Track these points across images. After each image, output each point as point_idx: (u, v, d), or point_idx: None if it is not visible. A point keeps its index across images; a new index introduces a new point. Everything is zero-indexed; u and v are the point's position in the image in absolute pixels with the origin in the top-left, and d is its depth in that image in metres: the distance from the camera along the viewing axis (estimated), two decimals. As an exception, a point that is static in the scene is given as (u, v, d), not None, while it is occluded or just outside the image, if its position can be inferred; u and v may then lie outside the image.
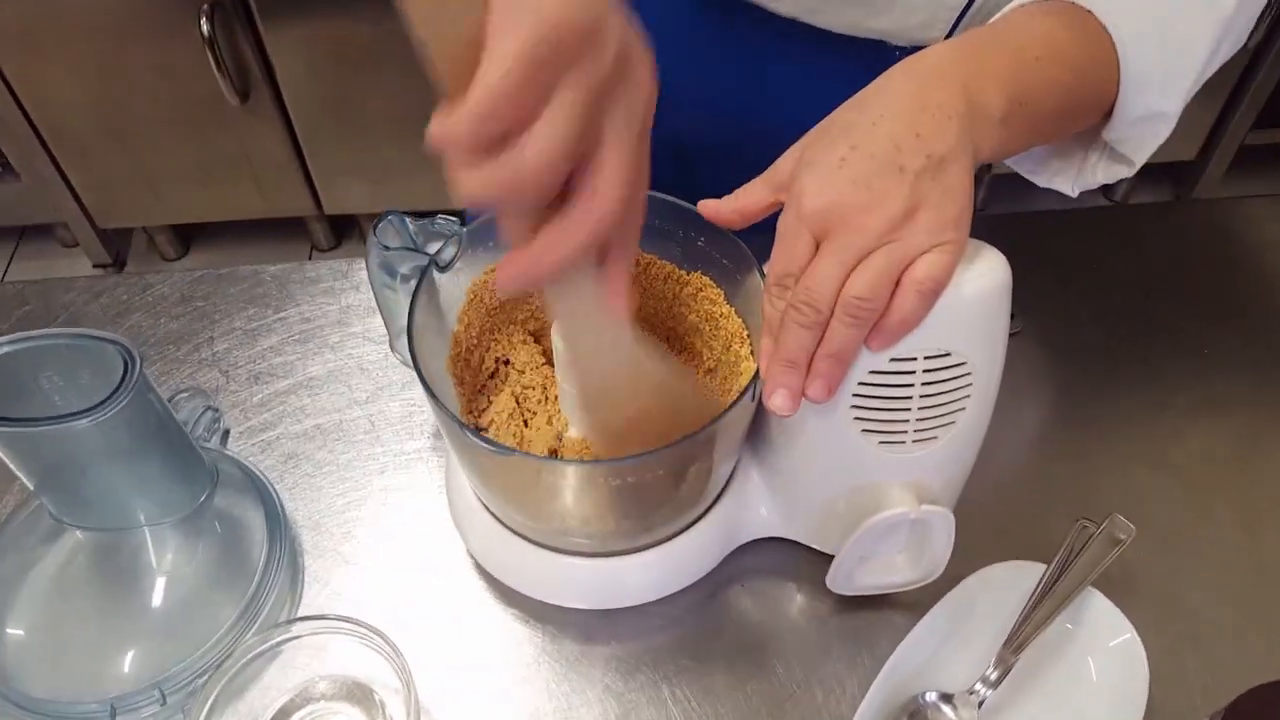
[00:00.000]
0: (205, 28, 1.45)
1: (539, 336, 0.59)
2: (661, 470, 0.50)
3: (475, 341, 0.57)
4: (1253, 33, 1.67)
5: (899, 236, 0.43)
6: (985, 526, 0.61)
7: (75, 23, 1.47)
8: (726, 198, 0.49)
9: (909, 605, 0.59)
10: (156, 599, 0.58)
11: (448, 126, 0.35)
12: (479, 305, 0.57)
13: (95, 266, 1.91)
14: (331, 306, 0.74)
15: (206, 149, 1.65)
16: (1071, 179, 0.54)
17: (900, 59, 0.55)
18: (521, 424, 0.56)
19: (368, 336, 0.72)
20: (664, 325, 0.60)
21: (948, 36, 0.59)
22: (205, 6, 1.44)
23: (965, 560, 0.57)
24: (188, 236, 1.96)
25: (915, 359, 0.47)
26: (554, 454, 0.54)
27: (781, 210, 0.46)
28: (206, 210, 1.77)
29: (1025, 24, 0.47)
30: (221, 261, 1.94)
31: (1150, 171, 2.12)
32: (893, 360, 0.47)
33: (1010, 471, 0.66)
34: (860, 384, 0.48)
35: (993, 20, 0.49)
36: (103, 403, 0.50)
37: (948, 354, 0.47)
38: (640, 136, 0.40)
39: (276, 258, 1.92)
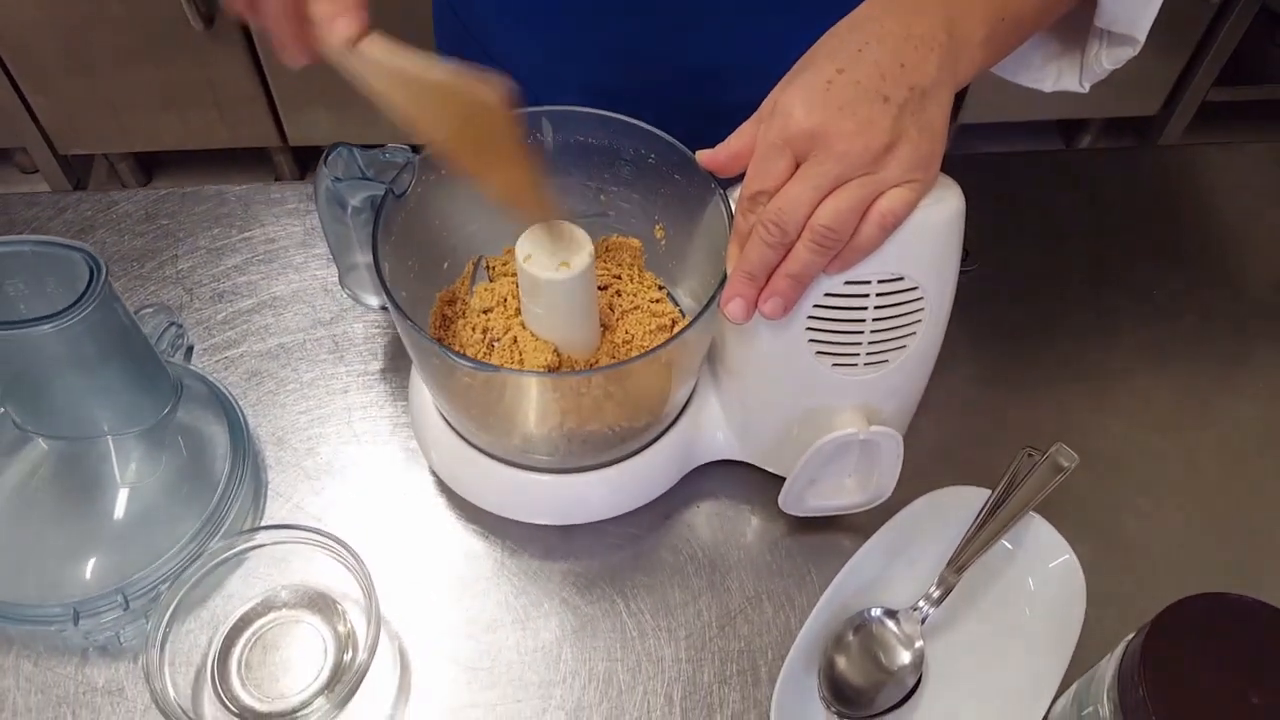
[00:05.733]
0: (169, -51, 1.41)
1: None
2: (629, 381, 0.52)
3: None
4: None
5: (875, 169, 0.45)
6: (933, 455, 0.63)
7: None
8: (720, 145, 0.50)
9: (858, 528, 0.61)
10: (119, 510, 0.59)
11: None
12: None
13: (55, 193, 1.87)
14: (296, 227, 0.74)
15: (170, 76, 1.61)
16: (1078, 76, 0.55)
17: None
18: (488, 346, 0.57)
19: (331, 258, 0.72)
20: None
21: None
22: (170, -73, 1.41)
23: (913, 487, 0.59)
24: (149, 165, 1.93)
25: (869, 282, 0.49)
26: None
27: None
28: (169, 138, 1.73)
29: None
30: (186, 192, 1.91)
31: (1113, 125, 2.14)
32: (847, 283, 0.48)
33: (959, 404, 0.68)
34: (815, 306, 0.49)
35: None
36: (67, 309, 0.50)
37: (901, 278, 0.49)
38: None
39: (242, 190, 1.89)
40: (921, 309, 0.50)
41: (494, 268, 0.61)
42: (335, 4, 0.42)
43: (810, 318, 0.50)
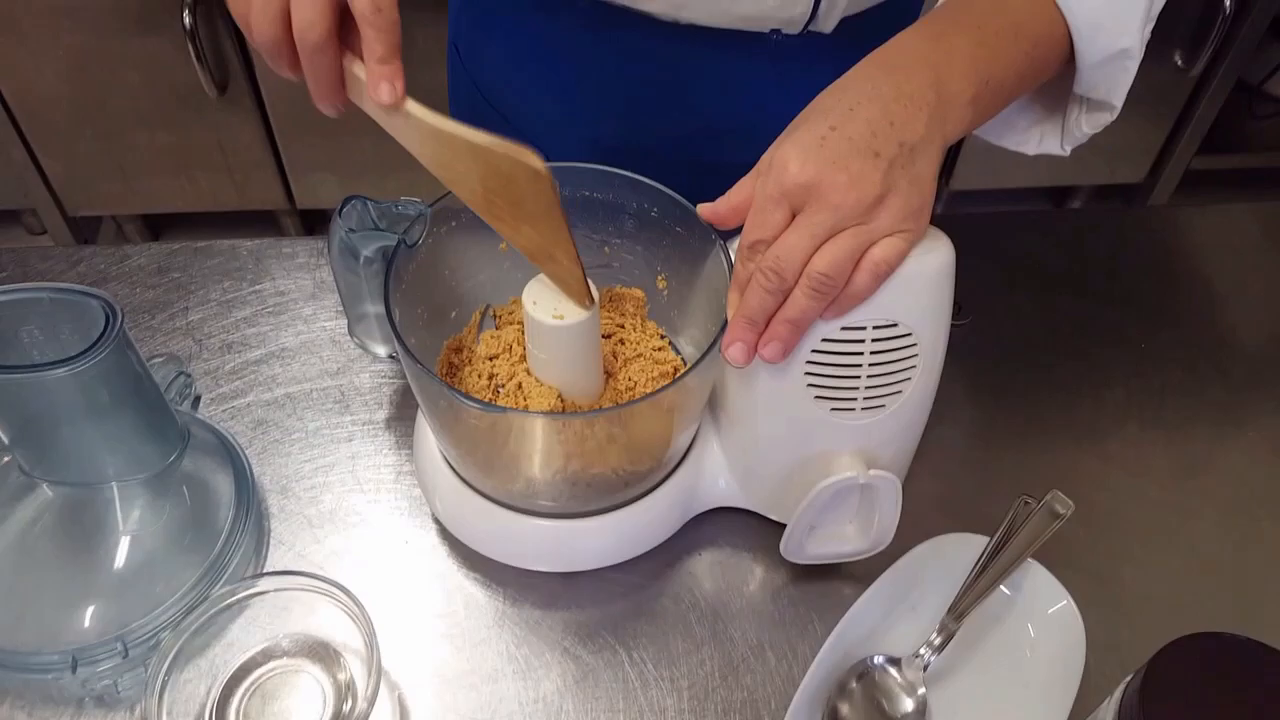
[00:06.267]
0: (188, 20, 1.46)
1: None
2: (632, 423, 0.53)
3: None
4: (1195, 62, 1.74)
5: (868, 219, 0.47)
6: (931, 505, 0.64)
7: (59, 10, 1.47)
8: (720, 198, 0.52)
9: (859, 577, 0.62)
10: (120, 557, 0.59)
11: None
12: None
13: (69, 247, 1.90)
14: (306, 281, 0.75)
15: (181, 139, 1.65)
16: (1059, 140, 0.57)
17: (778, 42, 0.58)
18: (493, 391, 0.58)
19: (339, 310, 0.73)
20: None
21: (812, 14, 0.61)
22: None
23: (913, 536, 0.60)
24: (156, 227, 1.96)
25: (865, 328, 0.50)
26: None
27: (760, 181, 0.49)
28: (177, 200, 1.77)
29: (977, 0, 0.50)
30: (191, 255, 1.94)
31: (1101, 192, 2.20)
32: (844, 329, 0.50)
33: (955, 454, 0.69)
34: (814, 351, 0.51)
35: None
36: (83, 353, 0.51)
37: (895, 324, 0.50)
38: None
39: (247, 252, 1.92)
40: (916, 355, 0.52)
41: (500, 316, 0.62)
42: (383, 67, 0.44)
43: (809, 363, 0.51)
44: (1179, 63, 1.65)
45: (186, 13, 1.45)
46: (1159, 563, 0.64)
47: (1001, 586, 0.58)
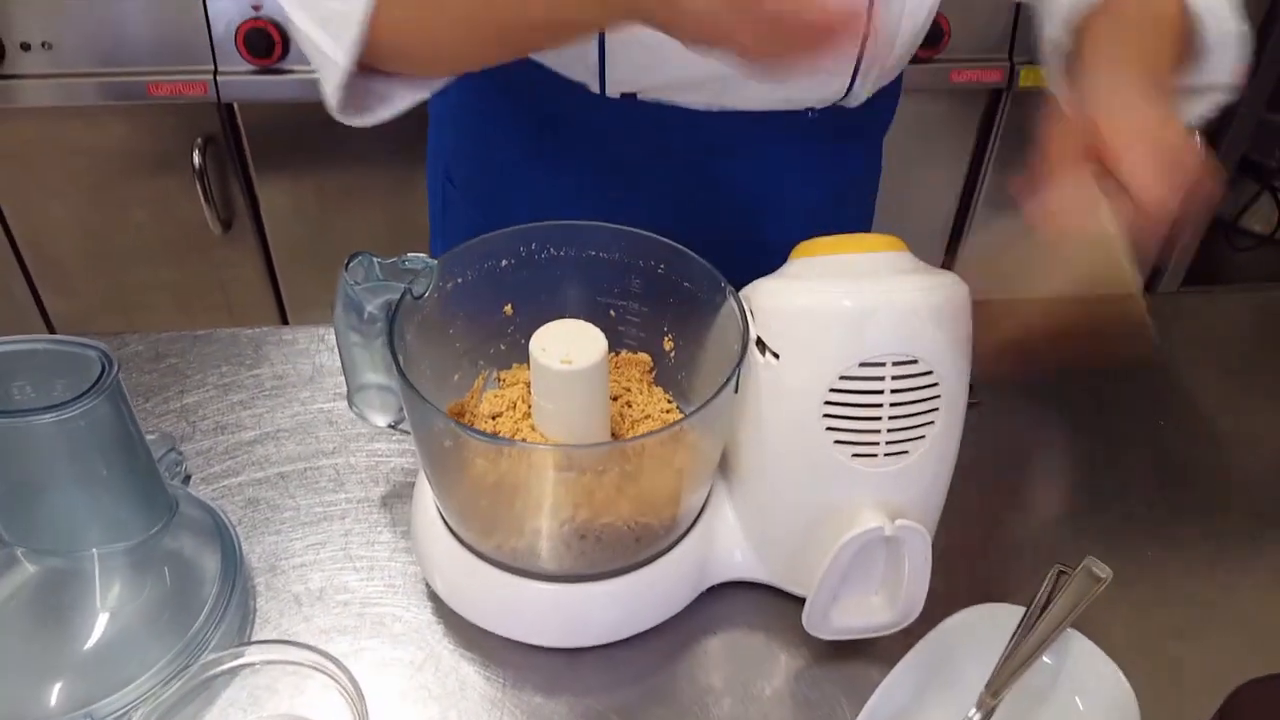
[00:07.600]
0: (197, 159, 1.51)
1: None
2: (646, 463, 0.50)
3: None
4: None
5: None
6: (958, 581, 0.60)
7: (75, 150, 1.52)
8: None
9: (887, 657, 0.57)
10: (95, 633, 0.54)
11: None
12: None
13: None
14: (305, 366, 0.74)
15: (183, 276, 1.67)
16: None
17: (812, 119, 0.60)
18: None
19: (338, 393, 0.72)
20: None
21: (847, 91, 0.64)
22: (199, 140, 1.51)
23: (940, 614, 0.56)
24: (154, 369, 1.95)
25: (884, 364, 0.49)
26: None
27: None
28: (176, 338, 1.77)
29: None
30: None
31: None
32: (862, 365, 0.49)
33: (981, 529, 0.66)
34: (832, 390, 0.49)
35: None
36: (73, 399, 0.49)
37: (915, 360, 0.49)
38: None
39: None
40: (938, 395, 0.50)
41: (504, 380, 0.61)
42: None
43: (827, 403, 0.49)
44: (1156, 197, 1.71)
45: (196, 152, 1.51)
46: (1204, 635, 0.60)
47: (1043, 657, 0.54)
